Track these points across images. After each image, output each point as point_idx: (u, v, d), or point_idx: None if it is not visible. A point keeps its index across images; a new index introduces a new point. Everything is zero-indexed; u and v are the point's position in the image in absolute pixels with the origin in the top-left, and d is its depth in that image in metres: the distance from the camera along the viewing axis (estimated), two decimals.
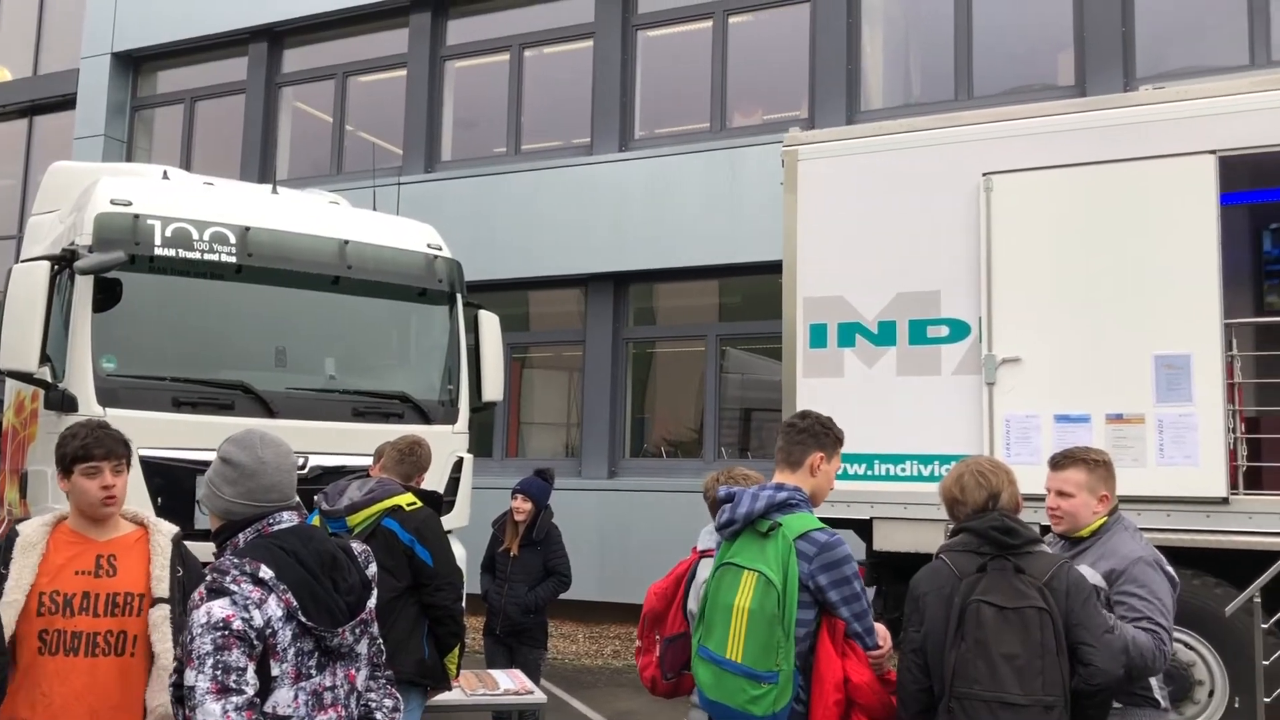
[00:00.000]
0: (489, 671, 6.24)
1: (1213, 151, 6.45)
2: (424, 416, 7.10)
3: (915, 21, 11.63)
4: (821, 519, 7.56)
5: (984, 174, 7.01)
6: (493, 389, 7.75)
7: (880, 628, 3.20)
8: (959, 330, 7.04)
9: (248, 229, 6.67)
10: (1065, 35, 10.46)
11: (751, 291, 11.59)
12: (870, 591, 7.41)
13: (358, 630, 2.80)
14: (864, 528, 7.24)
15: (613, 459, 11.86)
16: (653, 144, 12.19)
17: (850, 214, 7.44)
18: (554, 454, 12.69)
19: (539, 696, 5.84)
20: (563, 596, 7.46)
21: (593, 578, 10.71)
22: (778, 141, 7.91)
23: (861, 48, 11.40)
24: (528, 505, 7.07)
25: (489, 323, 7.83)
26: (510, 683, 5.91)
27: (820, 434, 3.40)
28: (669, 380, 12.66)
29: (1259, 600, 5.63)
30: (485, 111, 13.49)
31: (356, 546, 2.98)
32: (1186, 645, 6.22)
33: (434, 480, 6.41)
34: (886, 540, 7.02)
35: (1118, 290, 6.58)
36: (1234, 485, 6.28)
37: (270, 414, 6.43)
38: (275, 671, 2.62)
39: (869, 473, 7.14)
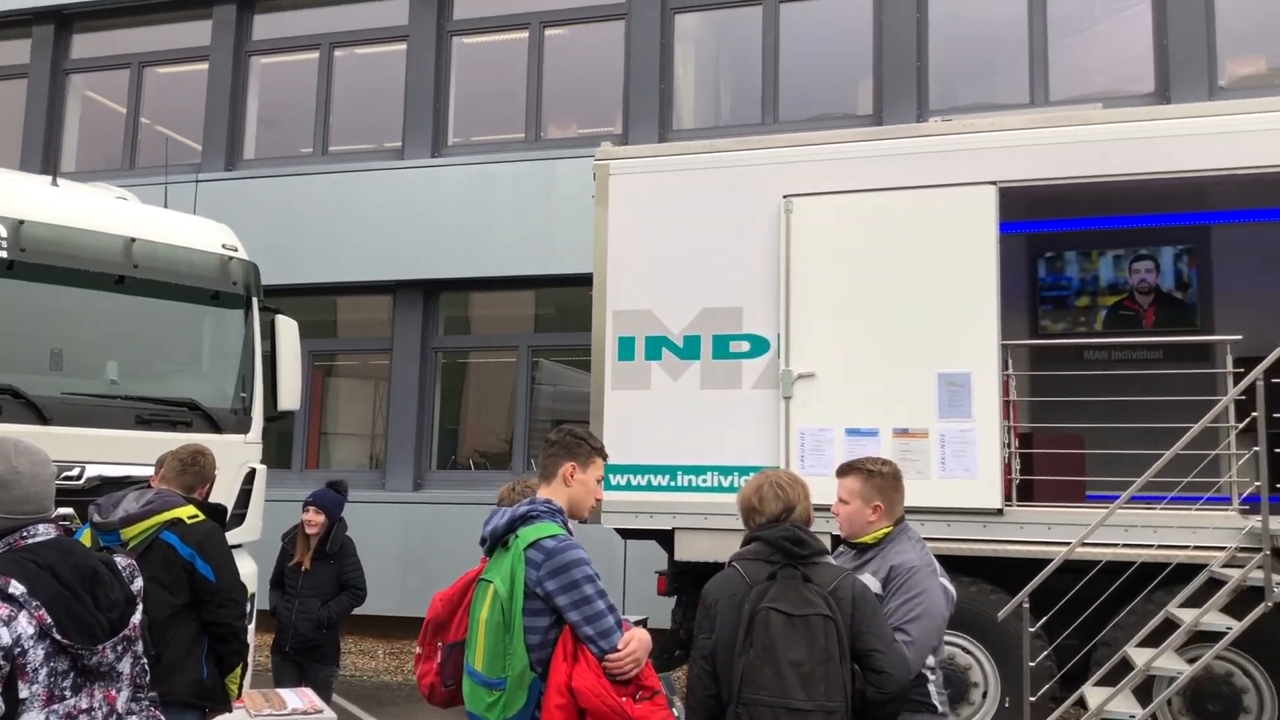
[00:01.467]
0: (276, 690, 5.99)
1: (994, 182, 6.88)
2: (214, 425, 6.78)
3: (726, 45, 11.95)
4: (624, 530, 7.63)
5: (784, 196, 7.25)
6: (289, 397, 7.47)
7: (630, 633, 3.20)
8: (759, 346, 7.24)
9: (21, 222, 6.22)
10: (865, 67, 10.95)
11: (564, 303, 11.61)
12: (671, 601, 7.53)
13: (119, 648, 2.65)
14: (667, 538, 7.35)
15: (418, 471, 11.64)
16: (467, 151, 12.06)
17: (659, 229, 7.56)
18: (358, 465, 12.35)
19: (329, 715, 5.65)
20: (363, 611, 7.26)
21: (394, 592, 10.47)
22: (592, 155, 7.97)
23: (674, 67, 11.62)
24: (320, 518, 6.86)
25: (286, 328, 7.55)
26: (299, 701, 5.70)
27: (572, 445, 3.47)
28: (479, 391, 12.53)
29: (1028, 605, 6.00)
30: (291, 110, 13.04)
31: (121, 560, 2.82)
32: (964, 650, 6.58)
33: (223, 492, 6.12)
34: (687, 550, 7.14)
35: (906, 311, 6.92)
36: (1008, 497, 6.68)
37: (43, 420, 6.00)
38: (24, 694, 2.47)
39: (672, 484, 7.25)
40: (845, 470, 3.98)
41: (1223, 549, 6.04)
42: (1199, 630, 5.76)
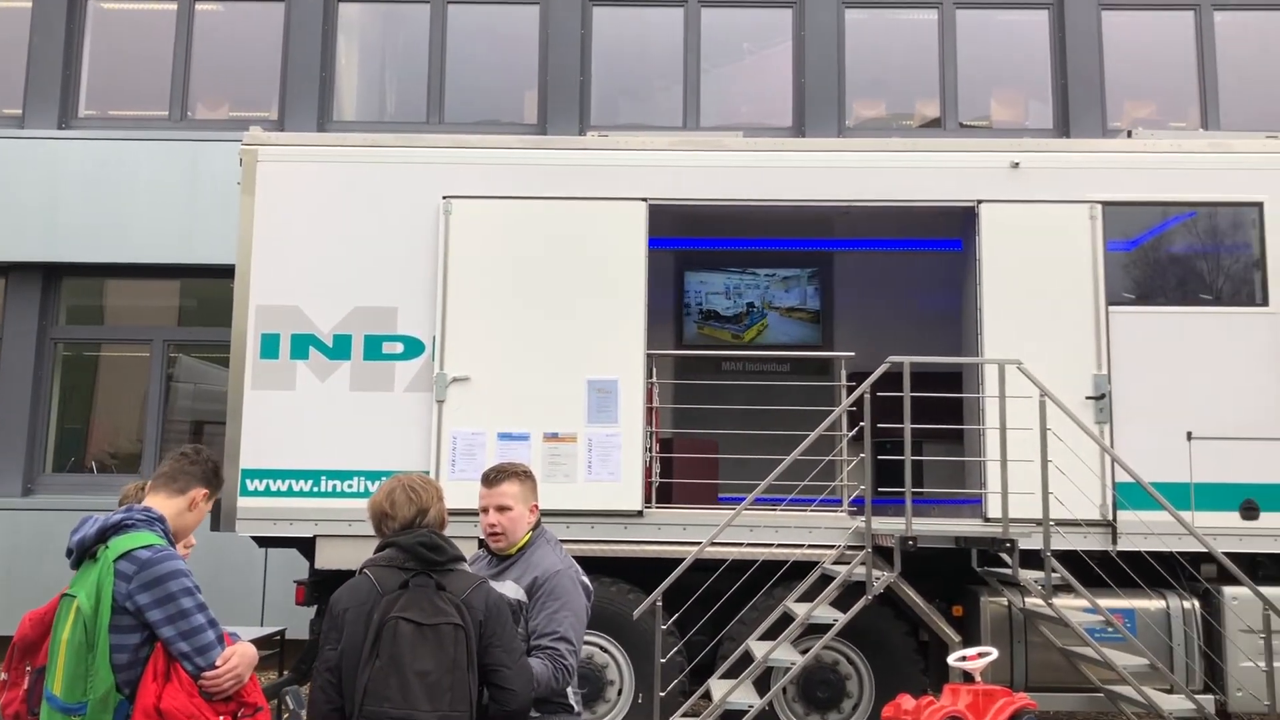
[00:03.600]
0: None
1: (644, 199, 7.16)
2: None
3: (392, 40, 11.70)
4: (262, 538, 7.23)
5: (444, 197, 7.18)
6: None
7: (231, 648, 3.04)
8: (414, 348, 7.12)
9: None
10: (532, 77, 11.09)
11: (207, 295, 10.87)
12: (313, 611, 7.23)
13: None
14: (308, 546, 7.05)
15: (30, 474, 10.48)
16: (101, 125, 11.02)
17: (312, 222, 7.26)
18: None
19: None
20: None
21: None
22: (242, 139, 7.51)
23: (337, 57, 11.22)
24: None
25: None
26: None
27: (213, 475, 3.40)
28: (109, 387, 11.45)
29: (661, 603, 6.27)
30: None
31: None
32: (602, 649, 6.78)
33: None
34: (329, 558, 6.88)
35: (560, 317, 7.05)
36: (648, 499, 6.97)
37: None
38: None
39: (315, 489, 6.96)
40: (499, 478, 3.89)
41: (833, 547, 6.61)
42: (811, 623, 6.26)
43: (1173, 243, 7.32)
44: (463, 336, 7.08)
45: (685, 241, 8.99)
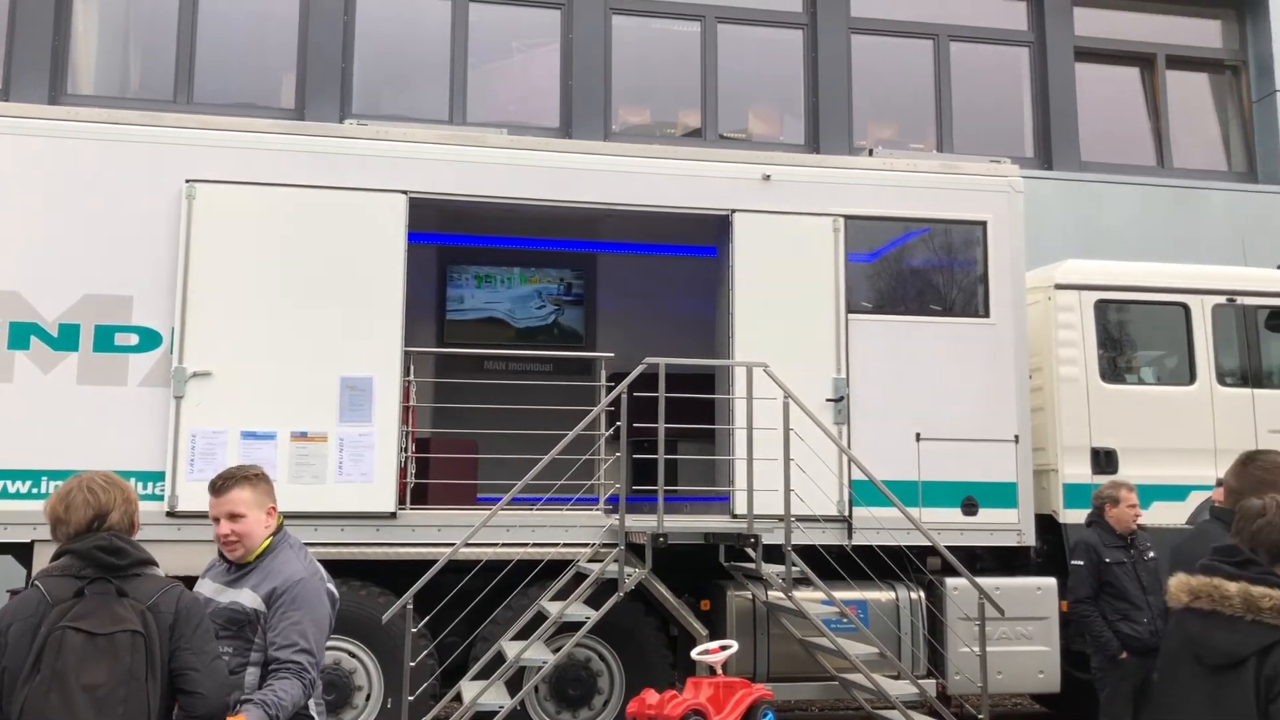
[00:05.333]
0: None
1: (405, 191, 7.01)
2: None
3: (138, 12, 10.96)
4: None
5: (188, 180, 6.78)
6: None
7: None
8: (150, 339, 6.69)
9: None
10: (290, 60, 10.66)
11: None
12: None
13: None
14: (25, 552, 6.49)
15: None
16: None
17: (35, 202, 6.68)
18: None
19: None
20: None
21: None
22: None
23: (73, 27, 10.41)
24: None
25: None
26: None
27: None
28: None
29: (411, 606, 6.15)
30: None
31: None
32: (350, 654, 6.58)
33: None
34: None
35: (313, 311, 6.79)
36: (403, 501, 6.82)
37: None
38: None
39: (34, 491, 6.41)
40: (227, 484, 3.64)
41: (588, 545, 6.68)
42: (565, 621, 6.30)
43: (907, 256, 7.82)
44: (205, 329, 6.70)
45: (449, 237, 8.87)
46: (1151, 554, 6.59)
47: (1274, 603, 3.06)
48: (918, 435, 7.34)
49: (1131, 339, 8.26)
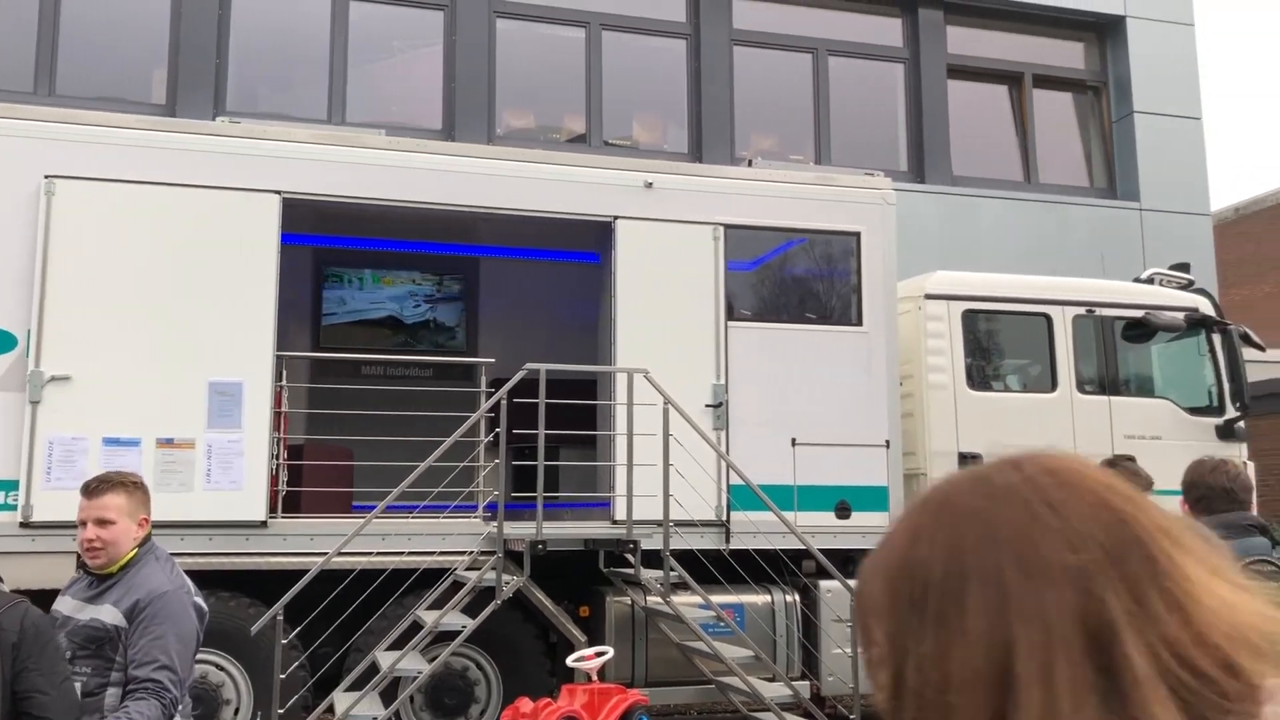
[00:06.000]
0: None
1: (278, 191, 6.84)
2: None
3: None
4: None
5: (47, 176, 6.50)
6: None
7: None
8: (5, 342, 6.39)
9: None
10: (161, 54, 10.30)
11: None
12: None
13: None
14: None
15: None
16: None
17: None
18: None
19: None
20: None
21: None
22: None
23: None
24: None
25: None
26: None
27: None
28: None
29: (282, 616, 5.99)
30: None
31: None
32: (218, 667, 6.38)
33: None
34: None
35: (180, 314, 6.58)
36: (274, 509, 6.65)
37: None
38: None
39: None
40: (101, 488, 3.52)
41: (466, 553, 6.62)
42: (442, 630, 6.22)
43: (785, 265, 7.96)
44: (64, 331, 6.42)
45: (326, 239, 8.69)
46: None
47: None
48: (794, 440, 7.47)
49: (997, 347, 8.57)
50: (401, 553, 6.58)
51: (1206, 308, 8.72)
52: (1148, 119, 12.91)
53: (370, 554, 6.45)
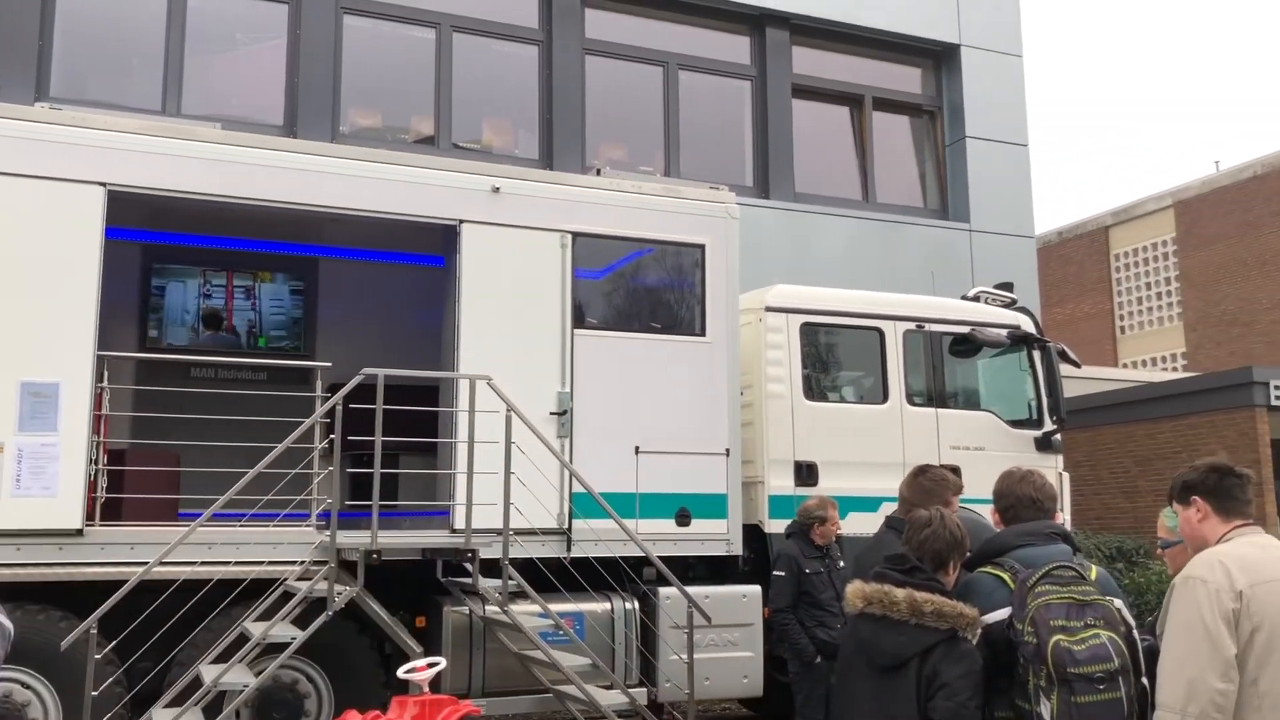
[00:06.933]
0: None
1: (103, 184, 6.51)
2: None
3: None
4: None
5: None
6: None
7: None
8: None
9: None
10: None
11: None
12: None
13: None
14: None
15: None
16: None
17: None
18: None
19: None
20: None
21: None
22: None
23: None
24: None
25: None
26: None
27: None
28: None
29: (95, 630, 5.68)
30: None
31: None
32: (24, 685, 6.01)
33: None
34: None
35: None
36: (91, 516, 6.30)
37: None
38: None
39: None
40: None
41: (298, 563, 6.41)
42: (271, 642, 6.01)
43: (632, 275, 8.03)
44: None
45: (156, 235, 8.31)
46: (843, 563, 7.06)
47: (935, 607, 3.35)
48: (637, 448, 7.53)
49: (833, 360, 8.85)
50: (229, 562, 6.33)
51: (1028, 325, 9.20)
52: (978, 144, 13.56)
53: (195, 564, 6.18)
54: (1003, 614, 3.42)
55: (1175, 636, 3.11)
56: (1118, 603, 3.38)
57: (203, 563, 6.22)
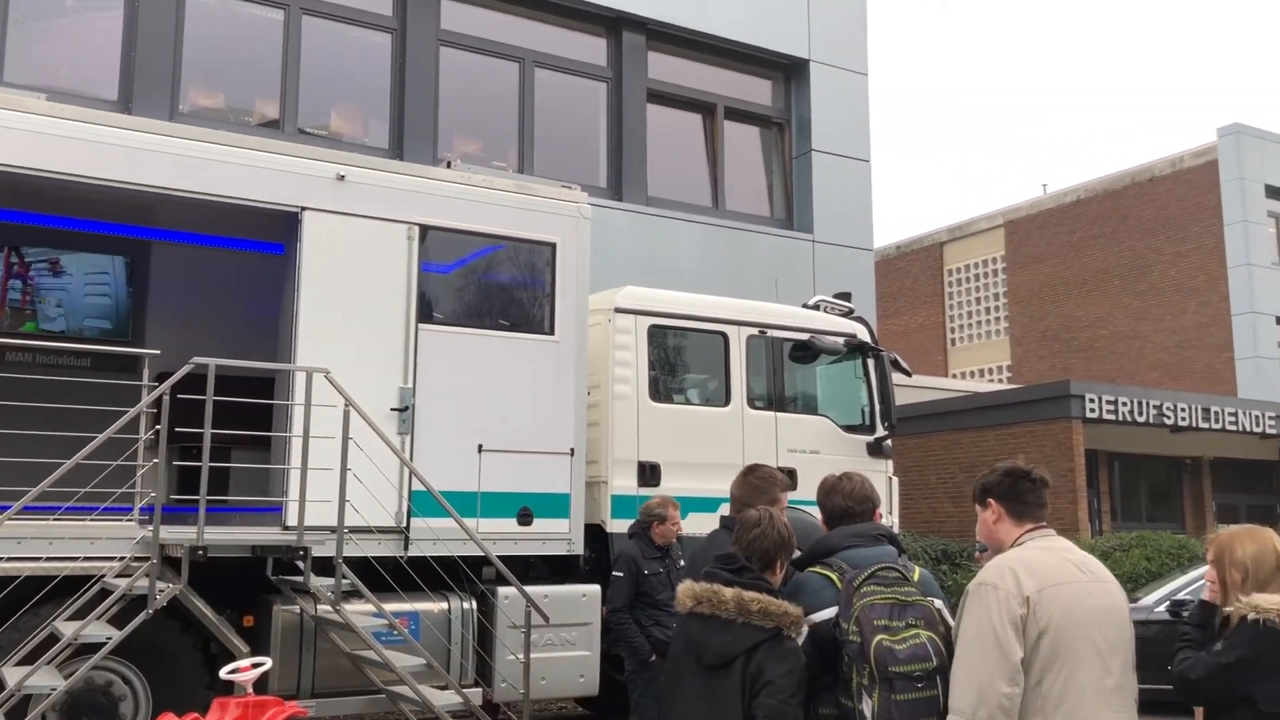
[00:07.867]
0: None
1: None
2: None
3: None
4: None
5: None
6: None
7: None
8: None
9: None
10: None
11: None
12: None
13: None
14: None
15: None
16: None
17: None
18: None
19: None
20: None
21: None
22: None
23: None
24: None
25: None
26: None
27: None
28: None
29: None
30: None
31: None
32: None
33: None
34: None
35: None
36: None
37: None
38: None
39: None
40: None
41: (117, 559, 6.11)
42: (88, 642, 5.70)
43: (481, 271, 7.95)
44: None
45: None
46: (683, 563, 7.15)
47: (761, 606, 3.42)
48: (480, 446, 7.46)
49: (680, 362, 8.96)
50: (40, 558, 5.98)
51: (863, 334, 9.53)
52: (824, 158, 13.96)
53: (1, 559, 5.82)
54: (830, 613, 3.51)
55: (967, 642, 3.23)
56: (938, 603, 3.51)
57: (9, 558, 5.86)
